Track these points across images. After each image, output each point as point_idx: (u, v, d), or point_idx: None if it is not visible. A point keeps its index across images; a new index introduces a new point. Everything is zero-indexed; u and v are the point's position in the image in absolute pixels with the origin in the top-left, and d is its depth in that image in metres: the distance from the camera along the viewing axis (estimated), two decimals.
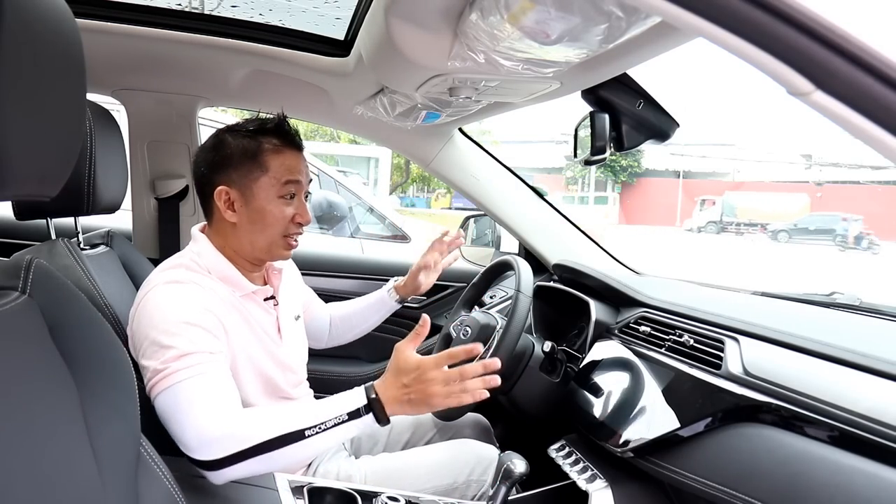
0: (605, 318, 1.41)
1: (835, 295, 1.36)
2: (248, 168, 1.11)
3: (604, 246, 1.86)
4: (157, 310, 1.01)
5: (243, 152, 1.12)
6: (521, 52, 0.85)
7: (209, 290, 1.07)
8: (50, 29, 0.50)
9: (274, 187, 1.12)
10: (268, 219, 1.12)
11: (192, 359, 0.96)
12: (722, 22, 0.45)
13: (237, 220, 1.12)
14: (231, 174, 1.12)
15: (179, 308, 1.01)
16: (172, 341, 0.97)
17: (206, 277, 1.09)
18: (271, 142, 1.13)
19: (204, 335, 1.00)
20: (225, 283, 1.11)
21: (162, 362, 0.96)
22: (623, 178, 28.18)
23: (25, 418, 0.53)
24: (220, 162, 1.13)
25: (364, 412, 0.95)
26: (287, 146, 1.14)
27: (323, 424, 0.93)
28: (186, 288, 1.05)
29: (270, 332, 1.17)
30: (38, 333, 0.59)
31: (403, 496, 1.03)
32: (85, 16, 1.33)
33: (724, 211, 24.34)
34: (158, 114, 1.74)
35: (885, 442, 0.72)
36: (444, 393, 0.96)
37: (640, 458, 1.04)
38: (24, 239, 1.83)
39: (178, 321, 0.99)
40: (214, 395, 0.95)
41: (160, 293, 1.03)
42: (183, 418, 0.93)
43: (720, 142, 29.46)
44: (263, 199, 1.12)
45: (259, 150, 1.12)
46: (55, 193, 0.55)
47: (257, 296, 1.16)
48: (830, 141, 24.56)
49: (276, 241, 1.14)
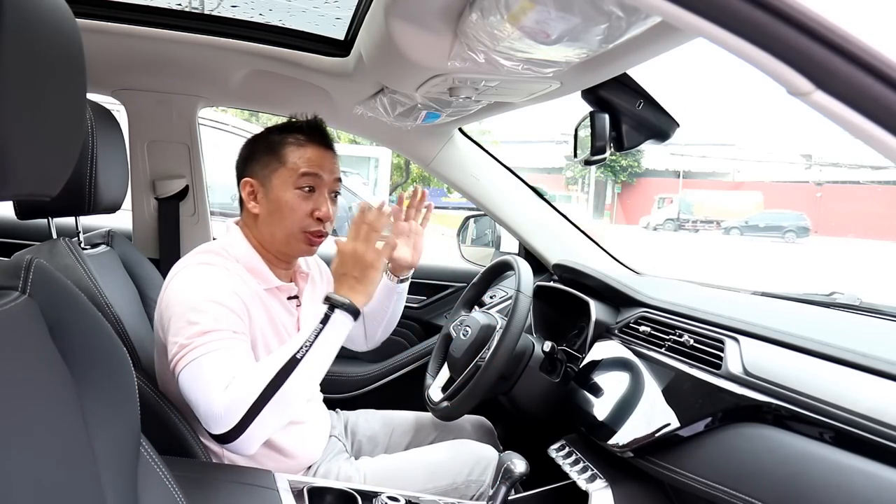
0: (605, 318, 1.41)
1: (835, 295, 1.36)
2: (268, 160, 1.16)
3: (604, 246, 1.86)
4: (185, 288, 1.05)
5: (267, 145, 1.18)
6: (521, 52, 0.85)
7: (236, 276, 1.10)
8: (50, 29, 0.50)
9: (291, 178, 1.14)
10: (284, 210, 1.15)
11: (215, 335, 0.99)
12: (722, 22, 0.45)
13: (259, 212, 1.17)
14: (255, 166, 1.18)
15: (207, 287, 1.04)
16: (198, 318, 1.00)
17: (234, 265, 1.12)
18: (296, 137, 1.17)
19: (229, 314, 1.03)
20: (251, 273, 1.14)
21: (187, 338, 0.99)
22: (623, 178, 28.19)
23: (25, 418, 0.53)
24: (249, 156, 1.20)
25: (330, 312, 1.02)
26: (311, 142, 1.17)
27: (307, 342, 0.98)
28: (216, 270, 1.08)
29: (290, 330, 1.19)
30: (38, 333, 0.59)
31: (403, 496, 1.03)
32: (85, 16, 1.33)
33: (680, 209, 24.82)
34: (158, 114, 1.74)
35: (885, 442, 0.72)
36: (365, 248, 1.05)
37: (640, 458, 1.04)
38: (24, 239, 1.83)
39: (205, 299, 1.02)
40: (226, 368, 0.97)
41: (190, 273, 1.07)
42: (199, 392, 0.96)
43: (720, 142, 29.46)
44: (280, 190, 1.15)
45: (282, 143, 1.17)
46: (56, 193, 0.55)
47: (281, 292, 1.19)
48: (830, 141, 24.57)
49: (295, 233, 1.16)
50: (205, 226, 1.86)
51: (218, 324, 1.00)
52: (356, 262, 1.05)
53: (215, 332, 0.99)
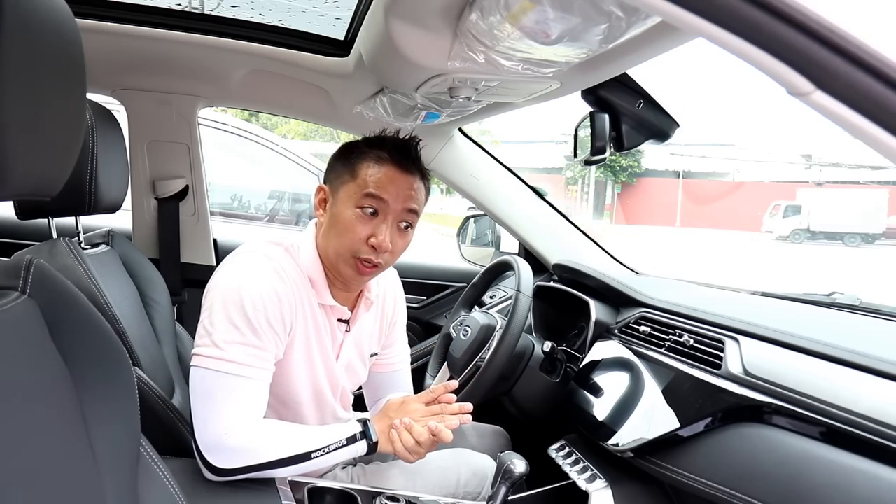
0: (605, 318, 1.41)
1: (835, 295, 1.36)
2: (342, 170, 1.08)
3: (604, 246, 1.86)
4: (240, 278, 1.01)
5: (349, 154, 1.10)
6: (521, 52, 0.85)
7: (292, 279, 1.05)
8: (50, 29, 0.50)
9: (354, 195, 1.05)
10: (340, 225, 1.05)
11: (250, 354, 0.98)
12: (722, 22, 0.45)
13: (324, 220, 1.10)
14: (331, 175, 1.11)
15: (263, 293, 1.00)
16: (241, 323, 0.97)
17: (295, 268, 1.07)
18: (378, 154, 1.07)
19: (268, 332, 1.00)
20: (311, 284, 1.09)
21: (224, 341, 0.97)
22: (623, 178, 28.17)
23: (25, 418, 0.53)
24: (332, 163, 1.13)
25: (359, 438, 1.04)
26: (392, 162, 1.06)
27: (326, 448, 1.01)
28: (272, 269, 1.03)
29: (330, 349, 1.14)
30: (38, 333, 0.59)
31: (403, 496, 1.04)
32: (85, 16, 1.33)
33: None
34: (158, 114, 1.74)
35: (885, 442, 0.72)
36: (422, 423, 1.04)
37: (640, 458, 1.04)
38: (24, 239, 1.83)
39: (253, 304, 0.98)
40: (250, 404, 0.98)
41: (248, 262, 1.04)
42: (213, 410, 0.96)
43: (720, 142, 29.44)
44: (343, 204, 1.06)
45: (362, 155, 1.08)
46: (56, 193, 0.55)
47: (333, 312, 1.12)
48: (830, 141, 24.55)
49: (344, 255, 1.05)
50: (205, 226, 1.86)
51: (257, 340, 0.98)
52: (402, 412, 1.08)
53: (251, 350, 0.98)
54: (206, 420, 0.96)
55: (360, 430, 1.04)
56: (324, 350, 1.12)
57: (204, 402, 0.97)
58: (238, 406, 0.96)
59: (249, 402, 0.98)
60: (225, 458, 0.95)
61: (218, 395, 0.96)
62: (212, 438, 0.95)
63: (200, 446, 0.96)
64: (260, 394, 1.00)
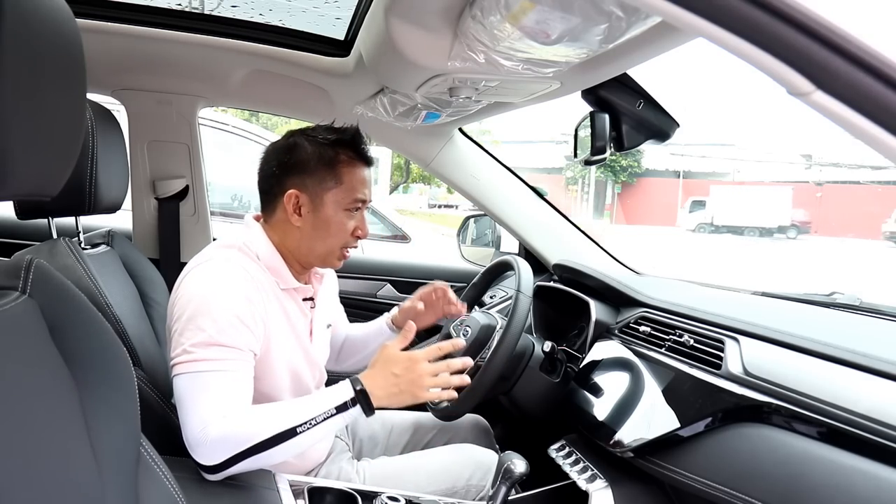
0: (605, 318, 1.41)
1: (835, 295, 1.36)
2: (322, 177, 1.12)
3: (604, 246, 1.86)
4: (201, 287, 1.02)
5: (320, 159, 1.12)
6: (521, 52, 0.85)
7: (255, 278, 1.07)
8: (50, 29, 0.50)
9: (344, 200, 1.12)
10: (332, 229, 1.13)
11: (220, 352, 0.98)
12: (722, 22, 0.45)
13: (301, 225, 1.13)
14: (305, 179, 1.12)
15: (223, 292, 1.01)
16: (207, 325, 0.98)
17: (254, 263, 1.09)
18: (347, 153, 1.13)
19: (239, 327, 1.00)
20: (271, 272, 1.12)
21: (192, 345, 0.97)
22: (623, 178, 28.17)
23: (25, 418, 0.53)
24: (295, 165, 1.12)
25: (351, 405, 0.98)
26: (360, 160, 1.15)
27: (313, 420, 0.97)
28: (234, 272, 1.05)
29: (303, 331, 1.18)
30: (38, 333, 0.59)
31: (403, 496, 1.04)
32: (85, 16, 1.33)
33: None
34: (158, 114, 1.74)
35: (885, 442, 0.72)
36: (430, 384, 1.02)
37: (640, 458, 1.04)
38: (24, 239, 1.83)
39: (218, 306, 1.00)
40: (227, 396, 0.97)
41: (208, 271, 1.05)
42: (192, 409, 0.96)
43: (720, 142, 29.43)
44: (331, 210, 1.12)
45: (336, 160, 1.12)
46: (56, 193, 0.55)
47: (297, 293, 1.17)
48: (830, 141, 24.55)
49: (334, 251, 1.15)
50: (205, 226, 1.86)
51: (225, 337, 0.98)
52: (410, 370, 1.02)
53: (220, 348, 0.98)
54: (186, 421, 0.96)
55: (351, 395, 0.99)
56: (298, 334, 1.16)
57: (182, 405, 0.97)
58: (214, 400, 0.95)
59: (225, 394, 0.97)
60: (209, 453, 0.94)
61: (194, 394, 0.96)
62: (194, 435, 0.94)
63: (187, 447, 0.96)
64: (236, 386, 0.99)
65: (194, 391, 0.96)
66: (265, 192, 1.17)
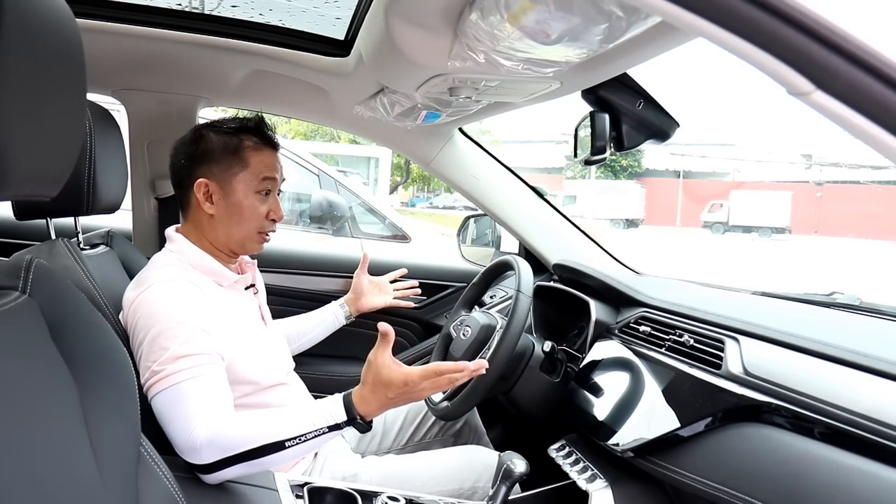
0: (605, 318, 1.40)
1: (835, 295, 1.36)
2: (229, 163, 1.16)
3: (604, 246, 1.86)
4: (153, 308, 1.03)
5: (224, 147, 1.17)
6: (521, 52, 0.85)
7: (200, 285, 1.10)
8: (50, 29, 0.50)
9: (252, 182, 1.17)
10: (245, 213, 1.17)
11: (187, 361, 0.98)
12: (722, 22, 0.45)
13: (215, 212, 1.17)
14: (212, 167, 1.17)
15: (174, 307, 1.03)
16: (168, 343, 0.99)
17: (192, 272, 1.12)
18: (252, 139, 1.18)
19: (199, 335, 1.02)
20: (209, 275, 1.15)
21: (159, 364, 0.98)
22: (623, 178, 28.18)
23: (25, 418, 0.53)
24: (202, 155, 1.17)
25: (344, 426, 0.96)
26: (265, 145, 1.19)
27: (304, 436, 0.94)
28: (179, 286, 1.07)
29: (255, 319, 1.22)
30: (38, 333, 0.59)
31: (403, 496, 1.03)
32: (85, 16, 1.32)
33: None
34: (158, 114, 1.74)
35: (885, 442, 0.72)
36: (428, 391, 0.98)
37: (640, 458, 1.04)
38: (24, 239, 1.82)
39: (174, 321, 1.01)
40: (206, 400, 0.97)
41: (155, 292, 1.06)
42: (175, 421, 0.96)
43: (720, 142, 29.44)
44: (241, 194, 1.17)
45: (240, 146, 1.17)
46: (55, 193, 0.55)
47: (239, 285, 1.21)
48: (830, 141, 24.56)
49: (251, 235, 1.19)
50: None
51: (188, 347, 0.99)
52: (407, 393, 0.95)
53: (187, 358, 0.98)
54: (173, 432, 0.96)
55: (344, 418, 0.95)
56: (252, 322, 1.19)
57: (165, 421, 0.97)
58: (194, 405, 0.96)
59: (204, 398, 0.97)
60: (200, 455, 0.94)
61: (174, 405, 0.96)
62: (183, 441, 0.95)
63: (180, 453, 0.96)
64: (212, 388, 0.99)
65: (173, 403, 0.96)
66: (178, 186, 1.22)
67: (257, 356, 1.16)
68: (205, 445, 0.93)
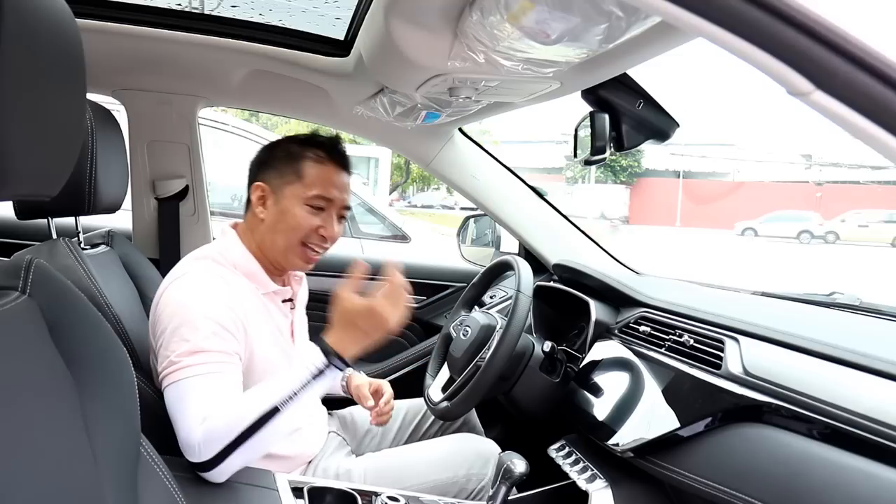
0: (605, 318, 1.40)
1: (835, 295, 1.36)
2: (285, 171, 1.17)
3: (604, 246, 1.86)
4: (180, 300, 1.04)
5: (286, 155, 1.18)
6: (521, 52, 0.85)
7: (233, 285, 1.10)
8: (50, 29, 0.50)
9: (304, 194, 1.15)
10: (290, 221, 1.15)
11: (204, 356, 0.99)
12: (722, 22, 0.45)
13: (265, 217, 1.17)
14: (270, 173, 1.18)
15: (203, 301, 1.03)
16: (190, 335, 1.00)
17: (230, 272, 1.12)
18: (316, 153, 1.17)
19: (222, 334, 1.02)
20: (248, 278, 1.15)
21: (177, 355, 0.99)
22: (623, 178, 28.18)
23: (25, 418, 0.53)
24: (266, 161, 1.20)
25: (326, 368, 0.97)
26: (330, 161, 1.18)
27: (293, 393, 0.95)
28: (212, 282, 1.07)
29: (285, 333, 1.20)
30: (38, 333, 0.59)
31: (403, 496, 1.03)
32: (85, 16, 1.32)
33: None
34: (158, 114, 1.74)
35: (885, 442, 0.72)
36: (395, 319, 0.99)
37: (640, 458, 1.04)
38: (24, 239, 1.82)
39: (199, 315, 1.01)
40: (213, 398, 0.97)
41: (186, 283, 1.07)
42: (179, 415, 0.96)
43: (720, 142, 29.43)
44: (290, 203, 1.15)
45: (301, 157, 1.17)
46: (55, 193, 0.55)
47: (277, 296, 1.20)
48: (830, 141, 24.57)
49: (294, 246, 1.16)
50: (205, 226, 1.86)
51: (209, 343, 1.00)
52: (374, 318, 0.97)
53: (205, 353, 0.99)
54: (179, 426, 0.96)
55: (323, 361, 0.96)
56: (281, 336, 1.18)
57: (174, 413, 0.97)
58: (202, 401, 0.96)
59: (213, 395, 0.97)
60: (201, 450, 0.94)
61: (183, 399, 0.97)
62: (186, 437, 0.95)
63: (183, 450, 0.96)
64: (224, 386, 0.99)
65: (183, 397, 0.97)
66: (248, 190, 1.22)
67: (273, 369, 1.13)
68: (205, 439, 0.94)
